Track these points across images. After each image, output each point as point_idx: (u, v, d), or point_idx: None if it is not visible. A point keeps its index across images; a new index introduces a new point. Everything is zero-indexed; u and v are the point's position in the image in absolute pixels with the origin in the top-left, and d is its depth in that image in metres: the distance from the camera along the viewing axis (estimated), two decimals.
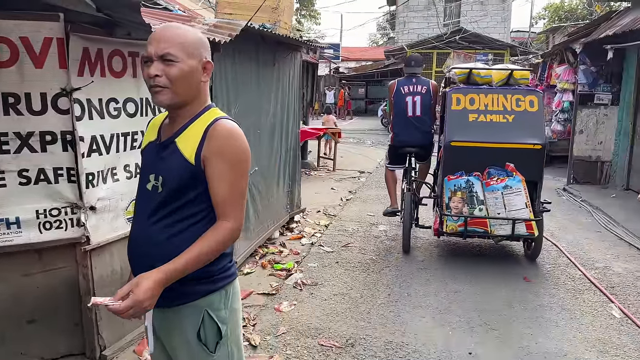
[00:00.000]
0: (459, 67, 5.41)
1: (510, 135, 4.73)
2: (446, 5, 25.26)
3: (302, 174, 10.67)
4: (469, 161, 4.79)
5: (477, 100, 4.85)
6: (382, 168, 11.80)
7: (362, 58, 39.03)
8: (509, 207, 4.67)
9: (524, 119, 4.77)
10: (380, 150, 14.89)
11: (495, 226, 4.71)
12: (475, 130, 4.79)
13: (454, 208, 4.78)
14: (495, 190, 4.68)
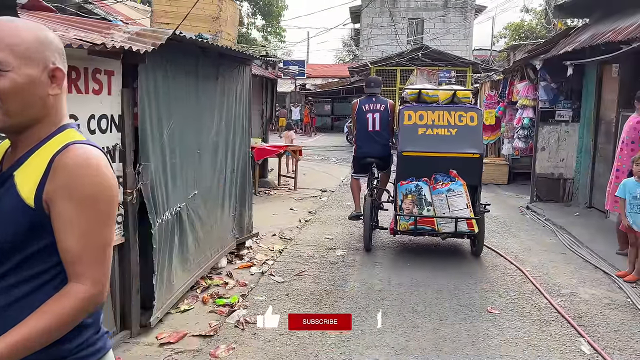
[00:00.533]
0: (410, 87, 6.44)
1: (453, 146, 5.47)
2: (409, 22, 25.43)
3: (261, 193, 10.26)
4: (418, 168, 5.48)
5: (425, 116, 5.59)
6: (345, 186, 11.47)
7: (328, 75, 39.10)
8: (452, 208, 5.37)
9: (465, 132, 5.50)
10: (345, 167, 14.59)
11: (441, 224, 5.43)
12: (424, 142, 5.52)
13: (406, 209, 5.48)
14: (441, 193, 5.39)
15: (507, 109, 11.33)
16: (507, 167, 11.35)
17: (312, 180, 12.12)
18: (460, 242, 6.29)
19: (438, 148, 5.48)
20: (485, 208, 5.78)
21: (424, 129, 5.56)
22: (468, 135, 5.49)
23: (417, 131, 5.56)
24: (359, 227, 7.27)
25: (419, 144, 5.52)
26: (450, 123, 5.53)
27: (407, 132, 5.60)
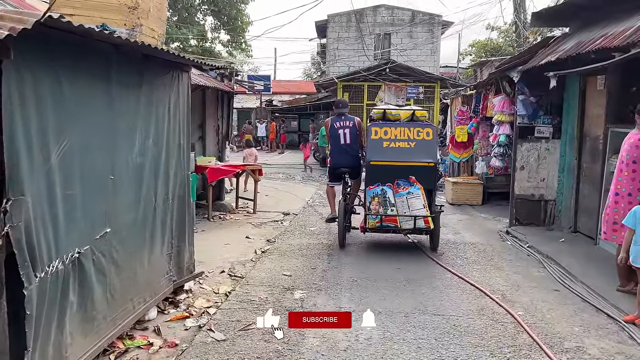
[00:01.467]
0: (377, 108, 7.55)
1: (412, 156, 6.47)
2: (376, 37, 24.98)
3: (215, 218, 9.24)
4: (383, 175, 6.41)
5: (389, 132, 6.62)
6: (310, 208, 10.57)
7: (295, 91, 38.44)
8: (412, 208, 6.27)
9: (422, 145, 6.53)
10: (311, 187, 13.72)
11: (402, 222, 6.29)
12: (388, 153, 6.52)
13: (373, 209, 6.37)
14: (402, 196, 6.30)
15: (481, 125, 10.71)
16: (482, 187, 10.68)
17: (274, 201, 11.18)
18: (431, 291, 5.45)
19: (400, 158, 6.47)
20: (440, 209, 6.73)
21: (388, 143, 6.59)
22: (424, 148, 6.55)
23: (383, 144, 6.58)
24: (322, 259, 6.38)
25: (384, 155, 6.53)
26: (409, 137, 6.57)
27: (374, 145, 6.62)
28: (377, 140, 6.63)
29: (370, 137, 6.70)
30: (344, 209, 6.84)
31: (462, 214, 9.83)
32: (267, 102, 31.51)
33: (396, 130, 6.63)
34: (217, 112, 9.91)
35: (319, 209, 10.29)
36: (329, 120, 7.39)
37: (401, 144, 6.57)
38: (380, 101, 19.69)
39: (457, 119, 11.67)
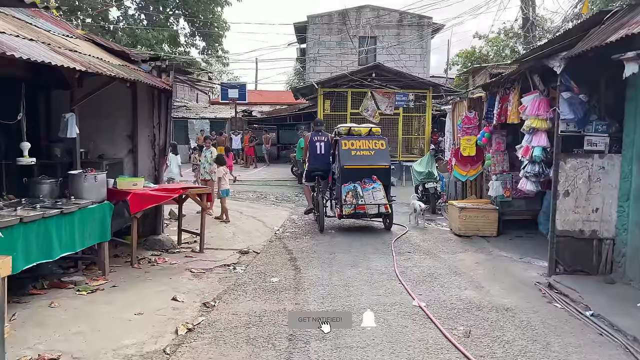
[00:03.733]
0: (343, 125, 9.74)
1: (373, 161, 8.79)
2: (360, 41, 22.82)
3: (143, 262, 6.74)
4: (354, 175, 8.69)
5: (355, 144, 8.92)
6: (278, 241, 8.16)
7: (277, 102, 36.18)
8: (375, 198, 8.55)
9: (379, 152, 8.92)
10: (284, 210, 11.30)
11: (369, 209, 8.53)
12: (356, 160, 8.77)
13: (349, 201, 8.53)
14: (368, 190, 8.57)
15: (494, 135, 8.44)
16: (496, 214, 8.38)
17: (232, 232, 8.75)
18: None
19: (364, 163, 8.70)
20: (392, 199, 8.89)
21: (355, 151, 8.80)
22: (381, 155, 8.87)
23: (352, 153, 8.79)
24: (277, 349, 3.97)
25: (353, 161, 8.70)
26: (370, 147, 8.87)
27: (345, 153, 8.77)
28: (347, 150, 8.79)
29: (341, 148, 8.81)
30: (319, 201, 9.01)
31: (476, 251, 7.51)
32: (244, 113, 29.14)
33: (359, 142, 8.87)
34: (153, 118, 7.49)
35: (290, 244, 7.89)
36: (309, 135, 9.61)
37: (364, 152, 8.77)
38: (365, 110, 17.44)
39: (461, 127, 9.41)
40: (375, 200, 8.47)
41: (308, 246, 7.78)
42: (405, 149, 18.48)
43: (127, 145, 7.55)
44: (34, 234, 4.65)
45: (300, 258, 7.00)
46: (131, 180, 6.60)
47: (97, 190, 5.69)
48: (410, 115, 18.65)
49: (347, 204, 8.47)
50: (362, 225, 9.49)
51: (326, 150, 9.18)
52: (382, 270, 6.38)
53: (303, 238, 8.40)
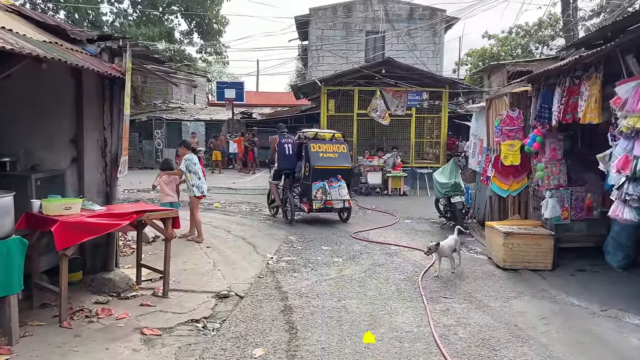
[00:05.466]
0: (309, 130, 10.71)
1: (338, 162, 9.83)
2: (367, 36, 20.97)
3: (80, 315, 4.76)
4: (322, 175, 9.66)
5: (322, 147, 9.93)
6: (270, 277, 6.29)
7: (278, 103, 34.48)
8: (340, 195, 9.61)
9: (342, 155, 9.99)
10: (281, 230, 9.43)
11: (335, 204, 9.59)
12: (324, 161, 9.75)
13: (319, 197, 9.51)
14: (334, 187, 9.61)
15: (548, 139, 6.57)
16: (551, 241, 6.50)
17: (214, 261, 6.90)
18: None
19: (331, 164, 9.77)
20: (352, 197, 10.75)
21: (323, 154, 9.85)
22: (343, 157, 10.06)
23: (319, 155, 9.82)
24: None
25: (322, 162, 9.74)
26: (334, 150, 9.99)
27: (315, 155, 9.78)
28: (316, 152, 9.84)
29: (310, 150, 9.82)
30: (289, 196, 10.03)
31: (534, 295, 5.61)
32: (243, 115, 27.33)
33: (325, 145, 10.02)
34: (104, 117, 5.63)
35: (285, 281, 6.02)
36: (277, 137, 10.45)
37: (330, 154, 9.92)
38: (373, 111, 15.60)
39: (501, 130, 7.53)
40: (340, 197, 9.58)
41: (308, 285, 5.91)
42: (416, 154, 16.62)
43: (71, 152, 5.71)
44: None
45: (298, 308, 5.13)
46: (62, 202, 4.74)
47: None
48: (424, 117, 16.81)
49: (317, 200, 9.49)
50: (377, 253, 7.62)
51: (293, 151, 10.26)
52: (414, 332, 4.50)
53: (302, 271, 6.53)
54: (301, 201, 10.05)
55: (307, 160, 9.85)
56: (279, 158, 10.18)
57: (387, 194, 14.28)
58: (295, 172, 10.34)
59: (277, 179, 10.36)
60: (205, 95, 38.65)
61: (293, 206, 9.78)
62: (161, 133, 24.51)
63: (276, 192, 10.40)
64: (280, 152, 10.15)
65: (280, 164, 10.20)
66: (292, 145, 10.26)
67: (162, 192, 8.17)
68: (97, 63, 4.98)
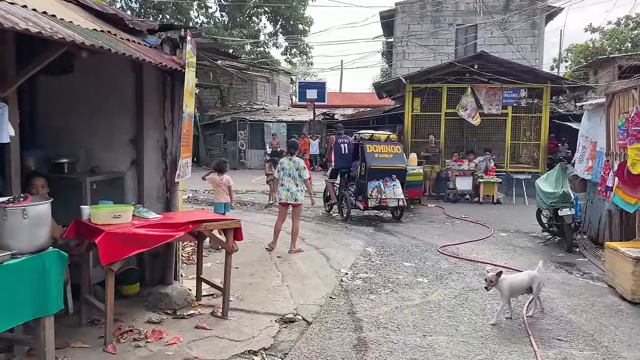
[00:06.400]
0: (365, 132, 11.07)
1: (393, 163, 10.16)
2: (457, 30, 19.56)
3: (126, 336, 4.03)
4: (378, 174, 9.96)
5: (378, 148, 10.26)
6: (343, 298, 5.48)
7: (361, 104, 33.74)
8: (395, 194, 9.87)
9: (396, 156, 10.33)
10: (359, 240, 8.62)
11: (390, 202, 9.86)
12: (379, 161, 10.08)
13: (374, 195, 9.78)
14: (389, 187, 9.88)
15: None
16: None
17: (282, 274, 6.23)
18: None
19: (386, 164, 10.09)
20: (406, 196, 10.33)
21: (378, 154, 10.17)
22: (398, 158, 10.35)
23: (375, 155, 10.13)
24: None
25: (377, 162, 10.06)
26: (389, 151, 10.28)
27: (371, 156, 10.11)
28: (371, 152, 10.15)
29: (367, 151, 10.15)
30: (346, 194, 10.45)
31: None
32: (325, 116, 26.85)
33: (380, 146, 10.33)
34: (164, 115, 5.14)
35: (360, 305, 5.19)
36: (334, 137, 12.08)
37: (385, 155, 10.21)
38: (463, 109, 14.32)
39: (627, 130, 6.18)
40: (395, 195, 9.83)
41: (387, 312, 5.03)
42: (510, 158, 15.08)
43: (130, 153, 5.28)
44: None
45: (374, 343, 4.28)
46: (111, 209, 4.24)
47: (29, 233, 3.35)
48: (520, 116, 15.22)
49: (372, 198, 9.76)
50: (469, 274, 6.56)
51: (349, 150, 10.81)
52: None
53: (380, 292, 5.67)
54: (356, 199, 10.32)
55: (363, 160, 10.22)
56: (336, 157, 10.87)
57: (478, 201, 12.95)
58: (351, 170, 10.77)
59: (334, 177, 10.90)
60: (288, 96, 38.77)
61: (349, 203, 10.21)
62: (244, 134, 24.61)
63: (332, 189, 10.80)
64: (337, 152, 10.84)
65: (336, 163, 10.83)
66: (348, 145, 10.86)
67: (215, 192, 7.85)
68: (153, 54, 4.46)
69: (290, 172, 7.49)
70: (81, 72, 5.13)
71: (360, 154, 10.40)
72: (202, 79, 28.14)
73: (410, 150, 13.85)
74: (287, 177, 7.50)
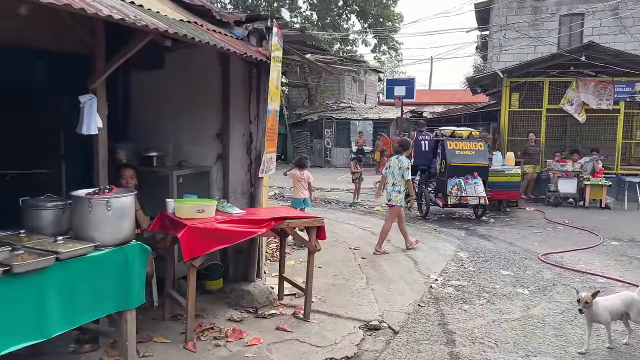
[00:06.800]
0: (446, 128, 10.76)
1: (474, 160, 9.80)
2: (561, 21, 18.08)
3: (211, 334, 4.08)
4: (458, 171, 9.63)
5: (459, 145, 9.98)
6: (433, 306, 5.08)
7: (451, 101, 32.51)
8: (476, 191, 9.51)
9: (479, 153, 9.97)
10: (449, 243, 8.12)
11: (470, 200, 9.54)
12: (460, 158, 9.77)
13: (454, 193, 9.50)
14: (470, 184, 9.56)
15: None
16: None
17: (367, 277, 5.92)
18: None
19: (467, 161, 9.75)
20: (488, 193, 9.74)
21: (459, 151, 9.88)
22: (480, 155, 9.96)
23: (456, 152, 9.85)
24: None
25: (458, 159, 9.75)
26: (471, 148, 9.95)
27: (451, 153, 9.84)
28: (452, 149, 9.87)
29: (447, 148, 9.89)
30: (425, 191, 10.48)
31: None
32: (413, 113, 26.10)
33: (462, 143, 10.00)
34: (250, 109, 5.02)
35: (452, 315, 4.76)
36: (415, 134, 11.76)
37: (466, 152, 9.89)
38: (568, 103, 13.12)
39: None
40: (476, 193, 9.52)
41: (483, 326, 4.55)
42: (621, 158, 13.58)
43: (216, 148, 5.24)
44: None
45: (468, 359, 3.84)
46: (195, 203, 4.17)
47: (112, 225, 3.32)
48: (633, 113, 13.67)
49: (452, 195, 9.51)
50: (577, 286, 5.84)
51: (429, 147, 10.69)
52: None
53: (475, 302, 5.18)
54: (436, 196, 10.29)
55: (443, 157, 10.02)
56: (416, 154, 10.51)
57: (583, 205, 11.77)
58: (431, 167, 10.75)
59: (413, 174, 10.64)
60: (375, 95, 38.28)
61: (428, 200, 10.21)
62: (330, 132, 24.58)
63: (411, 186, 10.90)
64: (417, 149, 10.61)
65: (416, 160, 10.51)
66: (429, 142, 10.73)
67: (295, 188, 7.84)
68: (239, 46, 4.33)
69: (392, 171, 7.25)
70: (171, 67, 5.17)
71: (440, 150, 10.23)
72: (290, 77, 28.57)
73: (506, 149, 12.93)
74: (389, 175, 7.30)
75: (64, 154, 5.43)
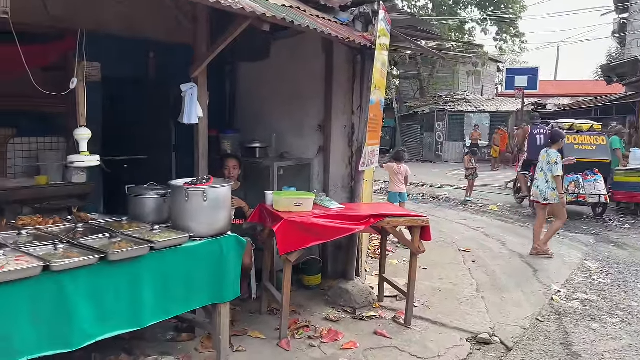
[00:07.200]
0: (564, 121, 10.36)
1: (594, 155, 9.23)
2: None
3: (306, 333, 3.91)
4: (576, 167, 8.80)
5: (577, 139, 9.39)
6: (556, 321, 4.46)
7: (580, 93, 29.66)
8: (595, 189, 8.98)
9: (599, 148, 9.40)
10: (574, 250, 7.26)
11: (589, 198, 9.05)
12: (578, 153, 9.04)
13: (570, 189, 8.90)
14: (589, 181, 9.04)
15: None
16: None
17: (477, 283, 5.41)
18: None
19: (586, 156, 9.13)
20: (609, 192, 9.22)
21: (578, 145, 9.32)
22: (601, 150, 9.41)
23: (574, 147, 9.22)
24: None
25: (575, 154, 8.89)
26: (590, 142, 9.42)
27: (569, 147, 8.95)
28: (570, 144, 9.12)
29: (566, 142, 8.31)
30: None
31: None
32: (535, 105, 24.14)
33: (581, 137, 9.46)
34: (353, 99, 4.76)
35: (577, 338, 4.12)
36: (529, 127, 10.84)
37: (586, 146, 9.35)
38: None
39: None
40: (596, 191, 9.03)
41: (616, 350, 3.88)
42: None
43: (318, 140, 5.07)
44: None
45: None
46: (292, 196, 4.02)
47: (208, 215, 3.25)
48: None
49: (568, 193, 8.81)
50: None
51: (544, 142, 9.58)
52: None
53: (606, 321, 4.47)
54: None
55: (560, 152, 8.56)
56: (530, 148, 10.14)
57: None
58: None
59: (526, 168, 10.18)
60: (494, 86, 36.10)
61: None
62: (442, 125, 23.59)
63: (524, 181, 10.31)
64: (532, 143, 10.15)
65: (530, 154, 10.04)
66: (544, 137, 9.85)
67: (391, 181, 7.60)
68: (343, 31, 4.08)
69: (542, 166, 6.72)
70: (277, 57, 5.09)
71: None
72: (401, 69, 27.89)
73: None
74: (538, 171, 6.79)
75: (174, 145, 5.61)
